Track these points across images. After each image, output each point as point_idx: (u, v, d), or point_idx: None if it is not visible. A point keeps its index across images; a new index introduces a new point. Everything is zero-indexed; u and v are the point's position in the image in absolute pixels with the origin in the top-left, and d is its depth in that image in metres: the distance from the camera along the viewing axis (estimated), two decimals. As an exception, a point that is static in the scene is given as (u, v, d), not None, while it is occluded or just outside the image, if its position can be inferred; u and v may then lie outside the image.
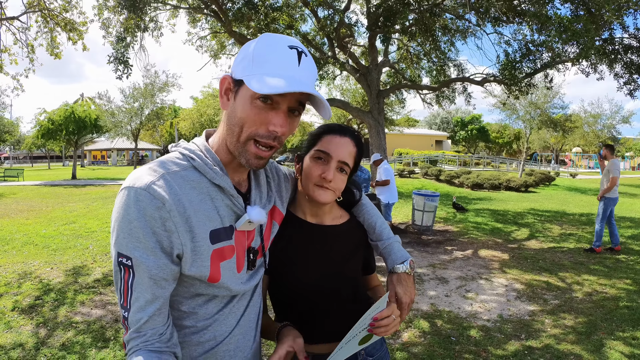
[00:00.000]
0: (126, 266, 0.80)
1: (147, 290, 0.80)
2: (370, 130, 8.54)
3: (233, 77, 0.87)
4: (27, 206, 10.83)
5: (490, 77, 8.50)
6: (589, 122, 20.88)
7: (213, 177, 0.88)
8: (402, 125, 24.91)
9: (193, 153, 0.90)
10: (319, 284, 1.12)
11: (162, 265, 0.81)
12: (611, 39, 6.71)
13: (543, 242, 7.08)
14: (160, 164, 0.86)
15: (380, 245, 1.20)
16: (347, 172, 1.11)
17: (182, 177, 0.86)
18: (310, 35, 9.29)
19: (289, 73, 0.81)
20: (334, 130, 1.12)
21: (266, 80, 0.78)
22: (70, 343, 3.21)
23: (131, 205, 0.79)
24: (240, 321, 0.98)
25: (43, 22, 8.22)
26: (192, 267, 0.85)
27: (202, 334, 0.92)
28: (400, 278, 1.13)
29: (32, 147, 28.56)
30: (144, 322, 0.81)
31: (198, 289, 0.89)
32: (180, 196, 0.83)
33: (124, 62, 7.41)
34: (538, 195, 14.90)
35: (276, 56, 0.82)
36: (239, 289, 0.95)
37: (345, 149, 1.09)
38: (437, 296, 4.38)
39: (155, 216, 0.79)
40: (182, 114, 28.05)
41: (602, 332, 3.49)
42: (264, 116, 0.83)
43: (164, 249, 0.81)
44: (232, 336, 0.96)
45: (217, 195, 0.89)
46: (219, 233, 0.88)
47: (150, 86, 12.31)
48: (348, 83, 17.67)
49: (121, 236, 0.79)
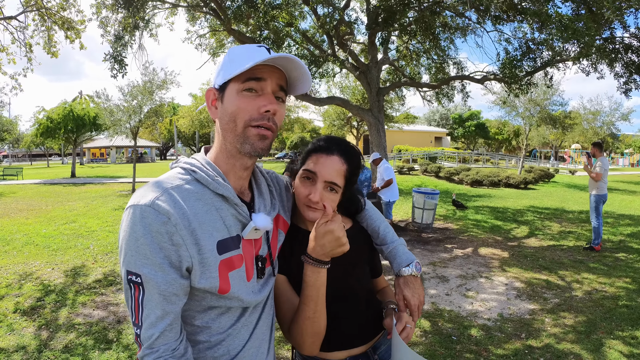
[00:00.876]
0: (136, 283, 0.81)
1: (158, 306, 0.81)
2: (370, 128, 8.53)
3: (215, 86, 0.94)
4: (27, 205, 10.82)
5: (491, 75, 8.49)
6: (588, 119, 20.87)
7: (216, 187, 0.89)
8: (402, 122, 24.94)
9: (194, 166, 0.92)
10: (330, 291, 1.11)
11: (171, 281, 0.81)
12: (612, 38, 6.70)
13: (543, 239, 7.11)
14: (162, 180, 0.88)
15: (385, 249, 1.21)
16: (337, 191, 1.09)
17: (186, 190, 0.87)
18: (309, 32, 9.26)
19: (264, 57, 0.87)
20: (321, 148, 1.10)
21: (247, 62, 0.86)
22: (72, 345, 3.21)
23: (137, 222, 0.80)
24: (253, 334, 0.98)
25: (40, 21, 8.17)
26: (202, 280, 0.85)
27: (216, 348, 0.92)
28: (407, 281, 1.14)
29: (31, 145, 28.50)
30: (156, 338, 0.81)
31: (210, 301, 0.90)
32: (185, 209, 0.83)
33: (120, 61, 7.38)
34: (537, 192, 14.93)
35: (247, 53, 0.90)
36: (250, 300, 0.95)
37: (332, 168, 1.07)
38: (437, 295, 4.40)
39: (161, 231, 0.80)
40: (181, 111, 28.00)
41: (601, 331, 3.51)
42: (253, 102, 0.88)
43: (172, 264, 0.81)
44: (246, 349, 0.96)
45: (221, 206, 0.90)
46: (226, 243, 0.89)
47: (149, 84, 12.24)
48: (348, 81, 17.65)
49: (129, 254, 0.80)
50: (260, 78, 0.89)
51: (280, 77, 0.92)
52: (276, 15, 7.10)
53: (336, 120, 25.10)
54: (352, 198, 1.22)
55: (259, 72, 0.88)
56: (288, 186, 1.21)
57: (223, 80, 0.90)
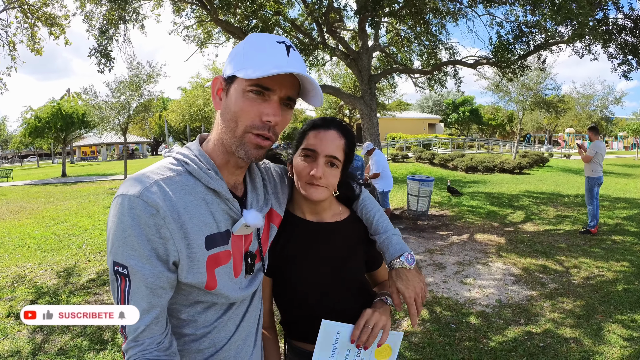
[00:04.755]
0: (122, 275, 0.79)
1: (144, 299, 0.80)
2: (363, 116, 8.44)
3: (224, 76, 0.88)
4: (18, 207, 10.65)
5: (483, 60, 8.40)
6: (582, 104, 20.88)
7: (208, 181, 0.87)
8: (394, 109, 24.81)
9: (187, 157, 0.89)
10: (324, 281, 1.13)
11: (157, 274, 0.80)
12: (605, 19, 6.62)
13: (539, 224, 7.12)
14: (153, 170, 0.85)
15: (377, 239, 1.17)
16: (337, 165, 1.09)
17: (177, 183, 0.84)
18: (298, 20, 9.08)
19: (279, 63, 0.82)
20: (318, 125, 1.11)
21: (258, 68, 0.80)
22: (67, 347, 3.16)
23: (125, 213, 0.78)
24: (239, 327, 0.97)
25: (23, 18, 7.94)
26: (189, 275, 0.84)
27: (201, 341, 0.91)
28: (399, 273, 1.08)
29: (20, 146, 28.02)
30: (142, 330, 0.80)
31: (196, 296, 0.89)
32: (174, 202, 0.82)
33: (106, 55, 7.17)
34: (532, 177, 14.99)
35: (266, 50, 0.84)
36: (237, 296, 0.93)
37: (332, 142, 1.07)
38: (435, 282, 4.39)
39: (149, 223, 0.78)
40: (171, 105, 27.65)
41: (600, 315, 3.51)
42: (256, 108, 0.83)
43: (159, 257, 0.80)
44: (232, 342, 0.95)
45: (212, 200, 0.88)
46: (214, 238, 0.87)
47: (136, 78, 12.01)
48: (338, 68, 17.49)
49: (116, 244, 0.79)
50: (268, 88, 0.83)
51: (293, 84, 0.87)
52: (264, 3, 6.94)
53: (328, 110, 24.96)
54: (347, 184, 1.20)
55: (268, 81, 0.82)
56: (283, 176, 1.18)
57: (233, 72, 0.85)
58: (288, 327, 1.22)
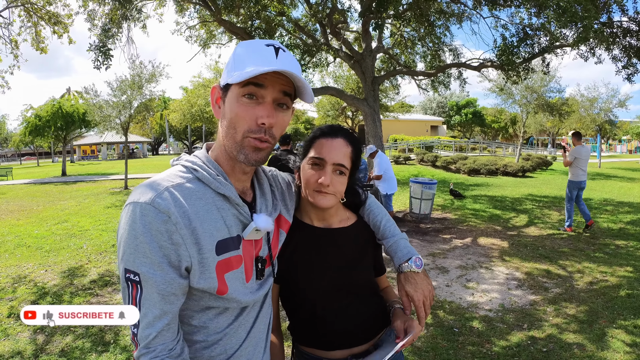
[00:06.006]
0: (134, 282, 0.80)
1: (156, 305, 0.80)
2: (366, 117, 8.41)
3: (220, 85, 0.91)
4: (18, 206, 10.64)
5: (487, 62, 8.37)
6: (586, 106, 20.76)
7: (217, 186, 0.88)
8: (397, 111, 24.73)
9: (195, 165, 0.91)
10: (332, 286, 1.13)
11: (169, 280, 0.80)
12: (610, 22, 6.60)
13: (542, 228, 7.09)
14: (163, 178, 0.87)
15: (385, 243, 1.20)
16: (345, 173, 1.10)
17: (187, 189, 0.85)
18: (302, 21, 9.07)
19: (267, 63, 0.84)
20: (325, 133, 1.12)
21: (245, 71, 0.82)
22: (69, 348, 3.15)
23: (137, 220, 0.79)
24: (250, 333, 0.98)
25: (26, 17, 7.94)
26: (201, 280, 0.85)
27: (212, 348, 0.92)
28: (408, 276, 1.12)
29: (20, 144, 27.98)
30: (153, 337, 0.81)
31: (208, 301, 0.89)
32: (186, 208, 0.82)
33: (104, 52, 7.13)
34: (535, 180, 14.93)
35: (254, 54, 0.86)
36: (248, 300, 0.94)
37: (339, 150, 1.09)
38: (438, 286, 4.37)
39: (161, 230, 0.79)
40: (172, 105, 27.57)
41: (603, 320, 3.48)
42: (251, 112, 0.86)
43: (171, 263, 0.80)
44: (243, 349, 0.96)
45: (223, 205, 0.89)
46: (226, 243, 0.88)
47: (137, 78, 11.99)
48: (341, 70, 17.44)
49: (128, 252, 0.79)
50: (260, 85, 0.85)
51: (285, 82, 0.88)
52: (267, 4, 6.93)
53: (330, 111, 24.85)
54: (353, 190, 1.22)
55: (260, 77, 0.85)
56: (290, 184, 1.20)
57: (226, 80, 0.88)
58: (295, 332, 1.22)
